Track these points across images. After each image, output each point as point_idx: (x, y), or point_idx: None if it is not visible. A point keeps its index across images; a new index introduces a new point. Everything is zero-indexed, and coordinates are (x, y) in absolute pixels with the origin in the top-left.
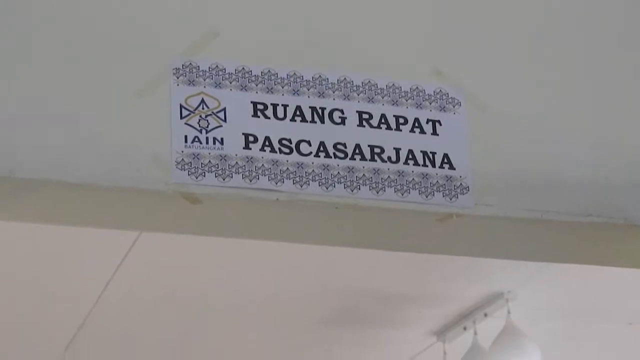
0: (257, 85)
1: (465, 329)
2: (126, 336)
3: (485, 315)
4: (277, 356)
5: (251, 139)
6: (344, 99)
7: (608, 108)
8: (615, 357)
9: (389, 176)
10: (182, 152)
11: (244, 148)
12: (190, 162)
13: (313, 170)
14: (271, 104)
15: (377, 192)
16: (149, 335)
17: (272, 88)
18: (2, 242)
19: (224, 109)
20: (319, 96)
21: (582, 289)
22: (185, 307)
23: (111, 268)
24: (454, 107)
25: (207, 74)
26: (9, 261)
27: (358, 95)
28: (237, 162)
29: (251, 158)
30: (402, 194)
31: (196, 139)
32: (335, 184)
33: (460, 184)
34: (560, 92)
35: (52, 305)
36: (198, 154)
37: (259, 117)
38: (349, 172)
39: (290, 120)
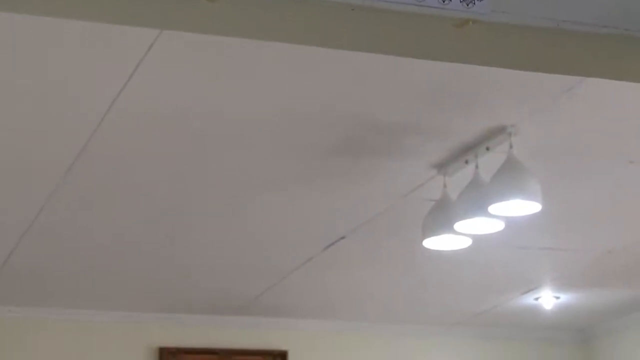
0: None
1: (466, 162)
2: (130, 158)
3: (487, 149)
4: (281, 186)
5: None
6: None
7: None
8: (616, 195)
9: None
10: None
11: None
12: None
13: None
14: None
15: None
16: (154, 158)
17: None
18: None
19: None
20: None
21: (585, 126)
22: (194, 129)
23: (124, 75)
24: None
25: None
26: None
27: None
28: None
29: None
30: None
31: None
32: None
33: None
34: None
35: (56, 124)
36: None
37: None
38: None
39: None
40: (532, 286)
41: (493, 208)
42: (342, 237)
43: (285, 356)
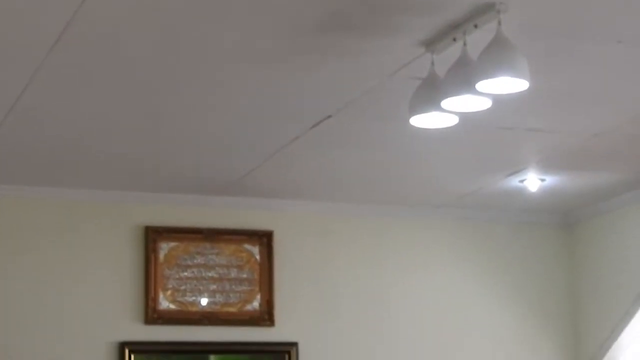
0: None
1: (454, 40)
2: (113, 35)
3: (476, 26)
4: (266, 62)
5: None
6: None
7: None
8: (603, 76)
9: None
10: None
11: None
12: None
13: None
14: None
15: None
16: (138, 33)
17: None
18: None
19: None
20: None
21: (574, 4)
22: (177, 3)
23: None
24: None
25: None
26: None
27: None
28: None
29: None
30: None
31: None
32: None
33: None
34: None
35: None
36: None
37: None
38: None
39: None
40: (517, 168)
41: (480, 85)
42: (329, 116)
43: (271, 236)
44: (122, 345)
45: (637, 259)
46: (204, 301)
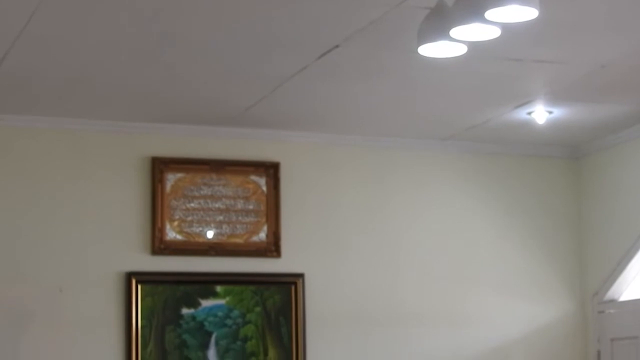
0: None
1: None
2: None
3: None
4: None
5: None
6: None
7: None
8: (612, 5)
9: None
10: None
11: None
12: None
13: None
14: None
15: None
16: None
17: None
18: None
19: None
20: None
21: None
22: None
23: None
24: None
25: None
26: None
27: None
28: None
29: None
30: None
31: None
32: None
33: None
34: None
35: None
36: None
37: None
38: None
39: None
40: (525, 100)
41: (490, 13)
42: (336, 46)
43: (277, 168)
44: (129, 276)
45: None
46: (211, 232)
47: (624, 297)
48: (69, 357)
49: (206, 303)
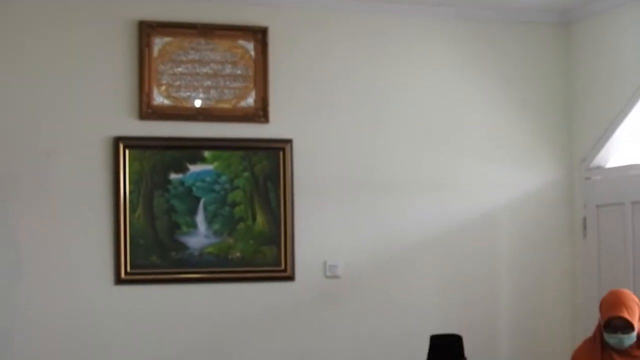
0: None
1: None
2: None
3: None
4: None
5: None
6: None
7: None
8: None
9: None
10: None
11: None
12: None
13: None
14: None
15: None
16: None
17: None
18: None
19: None
20: None
21: None
22: None
23: None
24: None
25: None
26: None
27: None
28: None
29: None
30: None
31: None
32: None
33: None
34: None
35: None
36: None
37: None
38: None
39: None
40: None
41: None
42: None
43: (266, 32)
44: (117, 140)
45: (631, 59)
46: (198, 97)
47: (611, 163)
48: (56, 221)
49: (194, 168)
